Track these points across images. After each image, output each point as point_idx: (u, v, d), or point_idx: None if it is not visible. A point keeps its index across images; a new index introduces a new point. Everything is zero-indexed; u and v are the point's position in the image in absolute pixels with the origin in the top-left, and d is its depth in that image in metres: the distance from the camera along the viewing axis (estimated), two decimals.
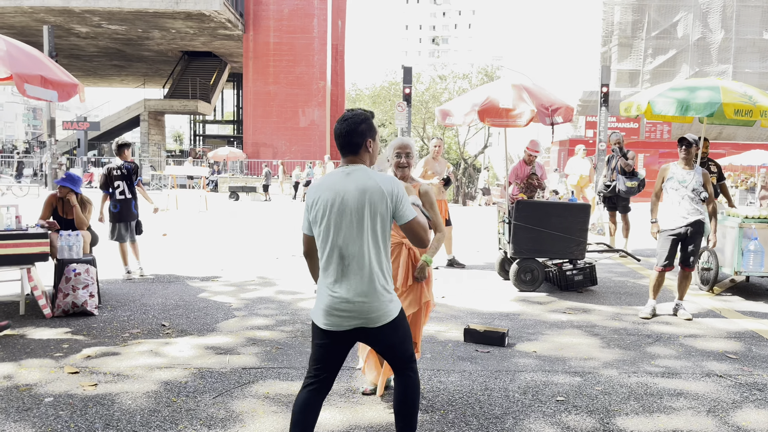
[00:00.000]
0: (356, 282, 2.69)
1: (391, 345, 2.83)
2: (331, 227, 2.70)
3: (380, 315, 2.72)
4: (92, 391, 3.93)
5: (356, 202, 2.67)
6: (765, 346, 5.15)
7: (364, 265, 2.69)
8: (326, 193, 2.72)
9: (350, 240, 2.68)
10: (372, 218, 2.68)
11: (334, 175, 2.77)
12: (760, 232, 6.74)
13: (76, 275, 5.77)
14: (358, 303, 2.68)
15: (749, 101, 6.78)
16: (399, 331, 2.82)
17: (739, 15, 30.08)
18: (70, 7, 29.14)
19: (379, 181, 2.69)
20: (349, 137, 2.77)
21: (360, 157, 2.80)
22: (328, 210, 2.70)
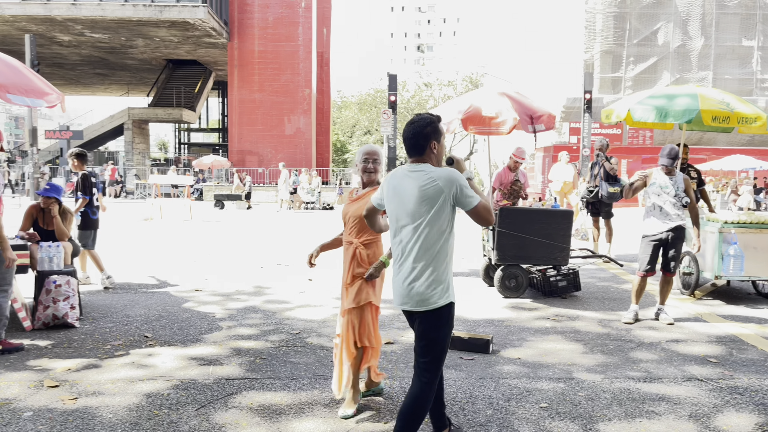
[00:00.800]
0: (416, 268, 2.96)
1: (425, 335, 2.99)
2: (395, 218, 3.05)
3: (427, 299, 2.95)
4: (72, 405, 3.88)
5: (417, 198, 2.94)
6: (746, 350, 5.22)
7: (422, 253, 2.95)
8: (392, 191, 3.08)
9: (411, 231, 2.97)
10: (430, 212, 2.93)
11: (400, 172, 3.09)
12: (739, 236, 6.84)
13: (56, 287, 5.70)
14: (414, 286, 2.96)
15: (727, 108, 6.89)
16: (440, 324, 2.99)
17: (718, 22, 30.57)
18: (52, 16, 28.93)
19: (438, 178, 2.92)
20: (415, 140, 3.03)
21: (425, 158, 3.05)
22: (392, 202, 3.06)
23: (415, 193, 2.94)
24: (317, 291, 7.56)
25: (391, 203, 3.07)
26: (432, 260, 2.95)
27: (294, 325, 5.88)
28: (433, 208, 2.92)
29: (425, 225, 2.94)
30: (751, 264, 6.84)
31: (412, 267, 2.96)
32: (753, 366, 4.78)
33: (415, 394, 2.96)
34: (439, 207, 2.92)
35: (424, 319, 2.98)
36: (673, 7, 30.72)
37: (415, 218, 2.95)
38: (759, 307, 6.91)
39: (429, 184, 2.91)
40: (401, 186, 3.01)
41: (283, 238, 13.73)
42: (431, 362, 2.98)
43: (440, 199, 2.91)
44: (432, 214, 2.93)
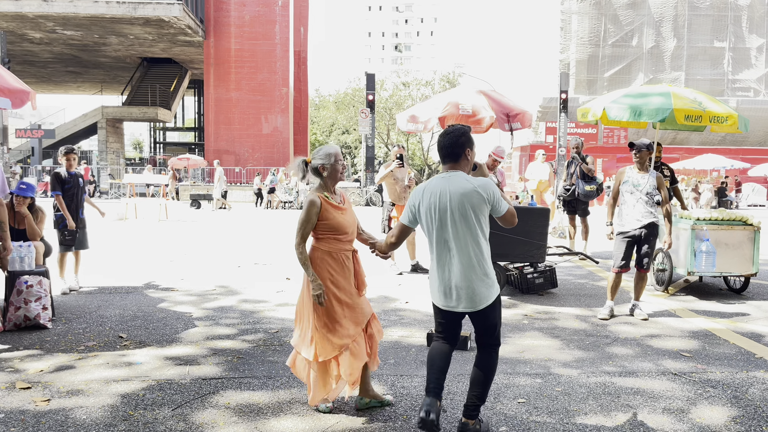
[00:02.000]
0: (460, 269, 3.24)
1: (487, 323, 3.36)
2: (438, 223, 3.28)
3: (482, 298, 3.27)
4: (45, 406, 3.81)
5: (458, 202, 3.22)
6: (718, 345, 5.32)
7: (466, 254, 3.24)
8: (432, 197, 3.30)
9: (454, 234, 3.24)
10: (470, 216, 3.23)
11: (437, 179, 3.34)
12: (711, 233, 6.97)
13: (28, 287, 5.59)
14: (463, 288, 3.25)
15: (699, 107, 7.02)
16: (496, 312, 3.36)
17: (690, 24, 31.15)
18: (23, 13, 28.37)
19: (477, 186, 3.24)
20: (452, 148, 3.33)
21: (459, 165, 3.35)
22: (434, 209, 3.28)
23: (461, 200, 3.22)
24: (295, 290, 7.52)
25: (433, 211, 3.28)
26: (481, 261, 3.27)
27: (272, 324, 5.85)
28: (479, 214, 3.25)
29: (473, 230, 3.24)
30: (723, 260, 6.98)
31: (467, 270, 3.25)
32: (725, 360, 4.88)
33: (491, 364, 3.39)
34: (483, 212, 3.26)
35: (485, 313, 3.32)
36: (646, 9, 31.22)
37: (463, 224, 3.23)
38: (730, 302, 7.05)
39: (472, 192, 3.22)
40: (443, 193, 3.26)
41: (261, 238, 13.64)
42: (497, 336, 3.41)
43: (483, 205, 3.24)
44: (477, 220, 3.24)
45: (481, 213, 3.26)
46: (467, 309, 3.30)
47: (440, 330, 3.50)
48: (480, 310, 3.30)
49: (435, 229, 3.30)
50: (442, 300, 3.35)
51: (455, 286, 3.27)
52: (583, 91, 31.26)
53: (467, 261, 3.24)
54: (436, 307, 3.44)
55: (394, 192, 8.72)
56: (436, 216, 3.28)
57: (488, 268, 3.31)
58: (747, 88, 31.89)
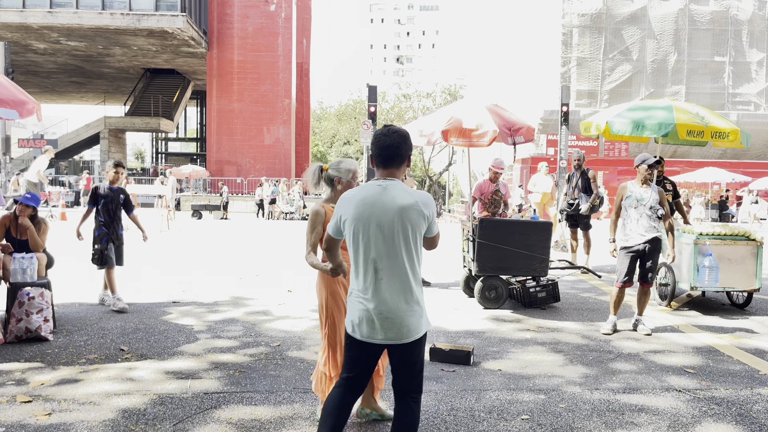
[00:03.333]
0: (389, 294, 2.75)
1: (411, 361, 2.84)
2: (366, 239, 2.76)
3: (411, 329, 2.77)
4: (46, 420, 3.79)
5: (394, 217, 2.73)
6: (722, 361, 5.29)
7: (397, 277, 2.76)
8: (362, 207, 2.77)
9: (385, 254, 2.74)
10: (407, 234, 2.75)
11: (370, 188, 2.80)
12: (714, 248, 6.95)
13: (29, 299, 5.57)
14: (390, 316, 2.74)
15: (701, 122, 7.03)
16: (422, 349, 2.87)
17: (691, 38, 31.28)
18: (27, 24, 28.55)
19: (418, 200, 2.78)
20: (398, 149, 2.83)
21: (400, 171, 2.88)
22: (363, 222, 2.75)
23: (399, 214, 2.73)
24: (296, 302, 7.50)
25: (361, 224, 2.76)
26: (414, 287, 2.79)
27: (274, 338, 5.82)
28: (416, 233, 2.78)
29: (408, 250, 2.76)
30: (726, 275, 6.96)
31: (397, 296, 2.75)
32: (730, 377, 4.85)
33: (414, 419, 2.85)
34: (420, 231, 2.80)
35: (410, 347, 2.81)
36: (647, 22, 31.37)
37: (397, 242, 2.74)
38: (733, 317, 7.02)
39: (411, 207, 2.75)
40: (377, 204, 2.75)
41: (262, 249, 13.62)
42: (420, 381, 2.91)
43: (422, 222, 2.79)
44: (414, 239, 2.78)
45: (418, 231, 2.79)
46: (391, 341, 2.76)
47: (349, 369, 2.89)
48: (406, 344, 2.78)
49: (362, 245, 2.77)
50: (363, 329, 2.79)
51: (381, 313, 2.74)
52: (584, 104, 31.34)
53: (398, 285, 2.75)
54: (351, 339, 2.85)
55: None
56: (364, 230, 2.75)
57: (420, 295, 2.83)
58: (747, 102, 31.97)
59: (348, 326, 2.86)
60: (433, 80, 52.65)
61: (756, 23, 31.44)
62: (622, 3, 31.20)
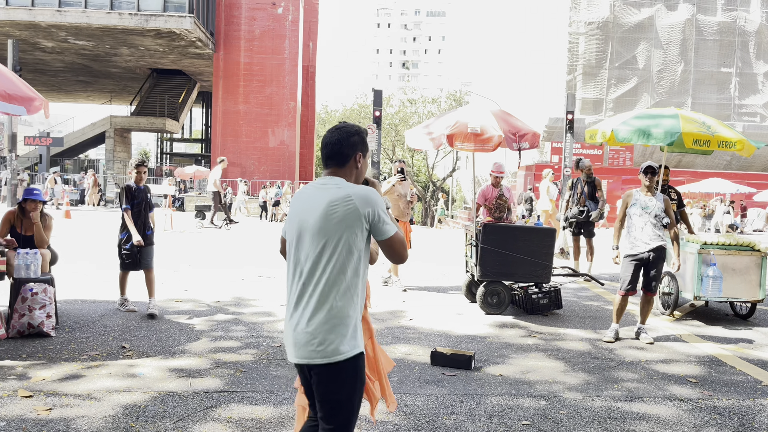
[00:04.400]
0: (311, 306, 2.36)
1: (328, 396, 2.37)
2: (294, 243, 2.46)
3: (329, 350, 2.33)
4: (47, 415, 3.79)
5: (322, 214, 2.38)
6: (724, 371, 5.26)
7: (321, 286, 2.36)
8: (297, 204, 2.52)
9: (310, 260, 2.39)
10: (337, 233, 2.36)
11: (309, 187, 2.55)
12: (718, 258, 6.93)
13: (33, 295, 5.59)
14: (308, 331, 2.34)
15: (708, 131, 7.02)
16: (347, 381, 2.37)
17: (698, 48, 31.27)
18: (36, 22, 28.68)
19: (351, 192, 2.39)
20: (339, 146, 2.51)
21: (345, 171, 2.53)
22: (294, 223, 2.47)
23: (323, 210, 2.37)
24: None
25: (293, 224, 2.47)
26: (337, 298, 2.35)
27: (275, 338, 5.82)
28: (345, 232, 2.36)
29: (332, 252, 2.36)
30: (729, 285, 6.93)
31: (311, 307, 2.35)
32: (732, 387, 4.82)
33: None
34: (351, 231, 2.36)
35: (325, 374, 2.35)
36: (654, 32, 31.38)
37: (320, 242, 2.37)
38: (736, 328, 6.99)
39: (342, 201, 2.36)
40: (309, 202, 2.44)
41: (265, 250, 13.62)
42: (342, 421, 2.38)
43: (353, 221, 2.36)
44: (343, 239, 2.36)
45: (352, 231, 2.37)
46: (307, 360, 2.35)
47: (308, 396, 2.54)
48: (322, 367, 2.34)
49: (292, 250, 2.47)
50: (290, 348, 2.41)
51: (296, 328, 2.38)
52: (589, 112, 31.34)
53: (318, 298, 2.35)
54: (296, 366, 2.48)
55: (397, 208, 8.70)
56: (292, 232, 2.47)
57: (351, 314, 2.38)
58: (753, 113, 31.93)
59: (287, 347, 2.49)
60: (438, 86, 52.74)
61: (763, 35, 31.43)
62: (630, 12, 31.22)
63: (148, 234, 6.81)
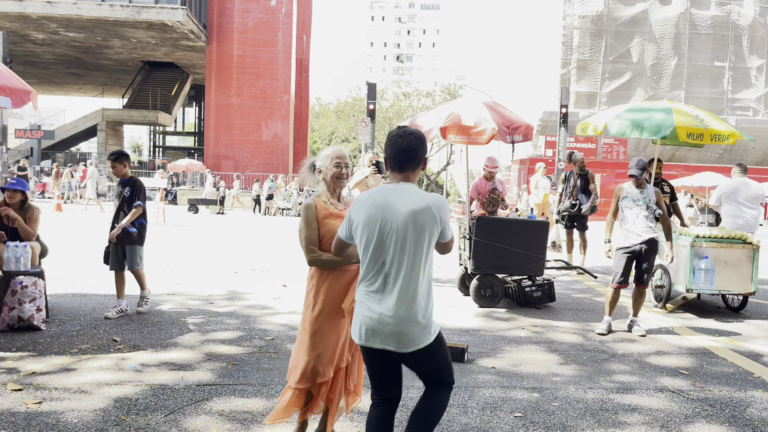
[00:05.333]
0: (397, 302, 2.63)
1: (431, 363, 2.78)
2: (378, 243, 2.66)
3: (411, 340, 2.65)
4: (36, 408, 3.76)
5: (406, 222, 2.63)
6: (716, 363, 5.28)
7: (408, 285, 2.64)
8: (373, 210, 2.67)
9: (395, 260, 2.64)
10: (420, 237, 2.65)
11: (383, 191, 2.70)
12: (710, 251, 6.95)
13: (22, 288, 5.54)
14: (392, 323, 2.63)
15: (701, 125, 7.02)
16: (435, 356, 2.76)
17: (691, 42, 31.32)
18: (26, 14, 28.42)
19: (431, 204, 2.67)
20: (415, 152, 2.73)
21: (416, 174, 2.79)
22: (374, 226, 2.66)
23: (407, 217, 2.63)
24: (292, 297, 7.48)
25: (371, 226, 2.66)
26: (421, 296, 2.68)
27: (268, 331, 5.80)
28: (424, 235, 2.66)
29: (418, 255, 2.66)
30: (721, 278, 6.96)
31: (405, 303, 2.63)
32: (723, 378, 4.84)
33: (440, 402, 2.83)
34: (430, 234, 2.68)
35: (417, 356, 2.71)
36: (647, 26, 31.40)
37: (406, 245, 2.64)
38: (728, 320, 7.02)
39: (424, 210, 2.65)
40: (388, 208, 2.65)
41: (258, 244, 13.59)
42: (440, 380, 2.84)
43: (432, 226, 2.68)
44: (424, 242, 2.67)
45: (431, 236, 2.69)
46: (395, 348, 2.66)
47: (375, 383, 2.82)
48: (411, 353, 2.68)
49: (372, 250, 2.67)
50: (366, 335, 2.68)
51: (382, 320, 2.64)
52: (582, 106, 31.37)
53: (405, 293, 2.63)
54: (361, 347, 2.78)
55: None
56: (375, 234, 2.65)
57: (428, 304, 2.72)
58: (746, 107, 32.05)
59: (354, 334, 2.76)
60: (432, 79, 52.68)
61: (756, 29, 31.50)
62: (623, 6, 31.22)
63: (130, 232, 6.23)
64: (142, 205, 6.25)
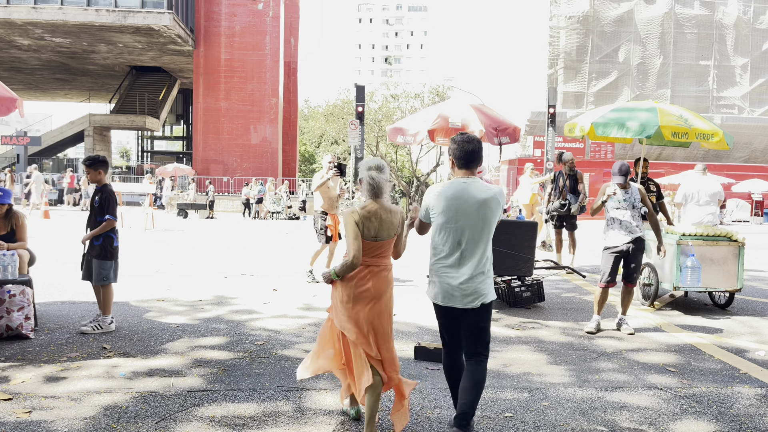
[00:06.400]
0: (470, 269, 3.41)
1: (480, 324, 3.49)
2: (453, 227, 3.42)
3: (484, 296, 3.45)
4: (26, 417, 3.74)
5: (477, 209, 3.41)
6: (703, 360, 5.35)
7: (478, 255, 3.44)
8: (451, 200, 3.43)
9: (469, 238, 3.41)
10: (488, 222, 3.45)
11: (456, 184, 3.46)
12: (696, 249, 7.03)
13: (10, 297, 5.51)
14: (470, 286, 3.41)
15: (685, 124, 7.10)
16: (489, 315, 3.53)
17: (676, 41, 31.60)
18: (11, 19, 28.20)
19: (495, 193, 3.47)
20: (479, 153, 3.52)
21: (475, 170, 3.53)
22: (451, 213, 3.41)
23: (480, 204, 3.41)
24: (282, 301, 7.48)
25: (449, 210, 3.42)
26: (489, 263, 3.49)
27: (258, 336, 5.80)
28: (493, 219, 3.46)
29: (486, 233, 3.45)
30: (708, 276, 7.04)
31: (475, 271, 3.42)
32: (710, 375, 4.90)
33: (482, 372, 3.48)
34: (494, 218, 3.47)
35: (481, 311, 3.46)
36: (633, 26, 31.65)
37: (477, 226, 3.42)
38: (715, 317, 7.10)
39: (492, 199, 3.44)
40: (463, 197, 3.41)
41: (248, 248, 13.57)
42: (486, 345, 3.53)
43: (495, 211, 3.47)
44: (491, 224, 3.46)
45: (494, 219, 3.49)
46: (472, 305, 3.43)
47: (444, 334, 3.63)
48: (478, 309, 3.45)
49: (451, 231, 3.43)
50: (446, 298, 3.45)
51: (461, 284, 3.41)
52: (570, 106, 31.56)
53: (477, 262, 3.43)
54: (437, 306, 3.54)
55: (328, 200, 8.67)
56: (452, 219, 3.41)
57: (491, 269, 3.54)
58: (731, 105, 32.37)
59: (434, 298, 3.51)
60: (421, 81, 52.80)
61: (741, 28, 31.84)
62: (609, 6, 31.46)
63: (94, 245, 5.84)
64: (111, 219, 5.83)
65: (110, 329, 5.88)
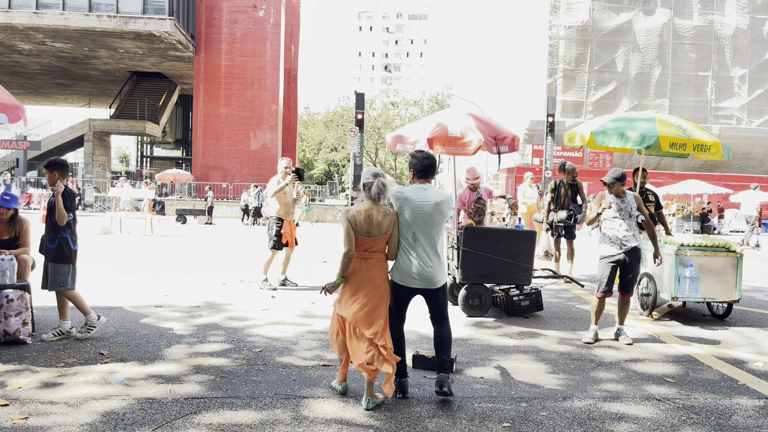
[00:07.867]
0: (426, 258, 4.28)
1: (440, 300, 4.43)
2: (413, 223, 4.27)
3: (440, 281, 4.36)
4: (23, 423, 3.73)
5: (433, 208, 4.28)
6: (701, 371, 5.34)
7: (430, 247, 4.30)
8: (413, 201, 4.28)
9: (428, 233, 4.29)
10: (440, 220, 4.32)
11: (416, 188, 4.35)
12: (695, 259, 7.03)
13: (8, 302, 5.50)
14: (426, 272, 4.28)
15: (684, 135, 7.12)
16: (444, 294, 4.47)
17: (675, 52, 31.75)
18: (13, 24, 28.29)
19: (446, 198, 4.37)
20: (435, 167, 4.51)
21: (431, 180, 4.49)
22: (413, 212, 4.26)
23: (434, 206, 4.28)
24: (280, 308, 7.47)
25: (413, 212, 4.25)
26: (441, 254, 4.36)
27: (256, 343, 5.79)
28: (444, 218, 4.33)
29: (439, 229, 4.33)
30: (706, 286, 7.04)
31: (431, 260, 4.28)
32: (709, 386, 4.90)
33: (448, 331, 4.45)
34: (446, 217, 4.33)
35: (439, 291, 4.38)
36: (632, 36, 31.81)
37: (433, 225, 4.29)
38: (713, 328, 7.10)
39: (443, 201, 4.32)
40: (422, 199, 4.28)
41: (246, 254, 13.55)
42: (444, 313, 4.45)
43: (447, 212, 4.35)
44: (443, 222, 4.34)
45: (445, 218, 4.35)
46: (429, 286, 4.32)
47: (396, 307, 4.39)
48: (434, 289, 4.36)
49: (412, 226, 4.27)
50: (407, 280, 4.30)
51: (419, 269, 4.26)
52: (569, 115, 31.66)
53: (430, 252, 4.29)
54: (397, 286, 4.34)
55: (284, 206, 8.72)
56: (414, 216, 4.25)
57: (444, 258, 4.42)
58: (730, 115, 32.50)
59: (396, 279, 4.33)
60: (420, 88, 52.93)
61: (739, 39, 32.00)
62: (608, 16, 31.61)
63: (50, 248, 5.65)
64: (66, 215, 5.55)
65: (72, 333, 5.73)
